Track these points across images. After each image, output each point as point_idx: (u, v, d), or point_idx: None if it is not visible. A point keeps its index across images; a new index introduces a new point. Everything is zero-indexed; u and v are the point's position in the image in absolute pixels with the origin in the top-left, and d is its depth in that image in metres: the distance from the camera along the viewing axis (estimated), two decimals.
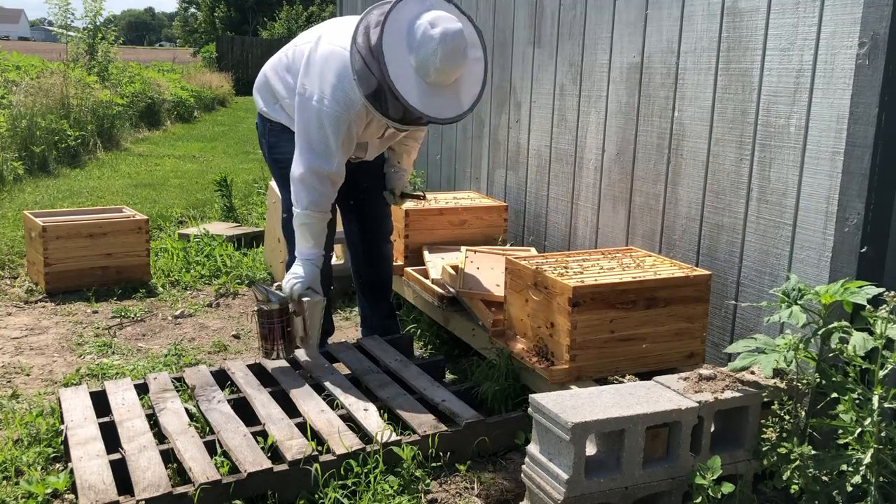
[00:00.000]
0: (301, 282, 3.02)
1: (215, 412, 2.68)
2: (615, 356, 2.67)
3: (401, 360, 3.15)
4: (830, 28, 2.44)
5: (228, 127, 14.71)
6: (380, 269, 3.54)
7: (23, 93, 9.21)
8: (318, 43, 2.97)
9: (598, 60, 3.51)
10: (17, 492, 2.41)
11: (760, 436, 2.28)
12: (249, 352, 3.78)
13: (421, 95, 2.72)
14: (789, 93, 2.60)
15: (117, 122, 10.98)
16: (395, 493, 2.38)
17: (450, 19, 2.74)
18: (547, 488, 2.12)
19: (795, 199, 2.60)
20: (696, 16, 2.97)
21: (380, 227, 3.51)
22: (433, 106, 2.75)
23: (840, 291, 2.12)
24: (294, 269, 3.06)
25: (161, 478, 2.26)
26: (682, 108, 3.06)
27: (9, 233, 5.60)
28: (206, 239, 5.36)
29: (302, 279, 3.02)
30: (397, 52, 2.70)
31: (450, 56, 2.70)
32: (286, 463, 2.36)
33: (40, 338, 3.86)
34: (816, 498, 2.08)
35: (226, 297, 4.59)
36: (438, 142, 5.11)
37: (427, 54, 2.69)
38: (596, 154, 3.58)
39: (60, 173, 8.44)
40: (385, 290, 3.59)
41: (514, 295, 2.93)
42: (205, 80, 19.66)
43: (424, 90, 2.73)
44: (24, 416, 2.90)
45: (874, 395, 1.97)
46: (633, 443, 2.12)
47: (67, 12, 13.58)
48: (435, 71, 2.71)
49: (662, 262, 2.91)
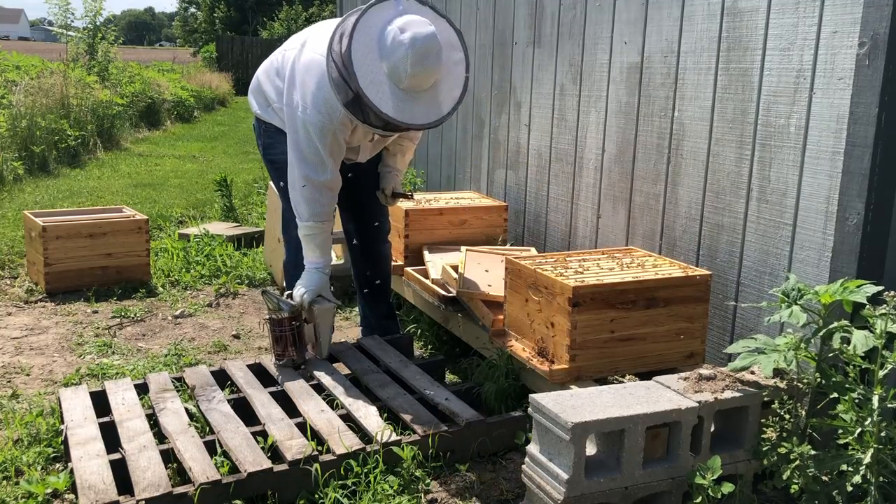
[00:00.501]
0: (310, 291, 3.05)
1: (215, 412, 2.68)
2: (615, 356, 2.67)
3: (401, 360, 3.15)
4: (830, 28, 2.44)
5: (228, 127, 14.71)
6: (377, 269, 3.54)
7: (23, 93, 9.21)
8: (301, 50, 2.97)
9: (598, 60, 3.51)
10: (17, 492, 2.41)
11: (760, 436, 2.28)
12: (249, 352, 3.78)
13: (396, 102, 2.67)
14: (789, 93, 2.60)
15: (117, 122, 10.97)
16: (395, 493, 2.38)
17: (421, 23, 2.68)
18: (547, 488, 2.12)
19: (795, 198, 2.60)
20: (696, 16, 2.97)
21: (377, 226, 3.51)
22: (408, 112, 2.70)
23: (840, 291, 2.12)
24: (303, 279, 3.09)
25: (161, 478, 2.26)
26: (682, 107, 3.06)
27: (9, 233, 5.60)
28: (206, 239, 5.36)
29: (311, 288, 3.05)
30: (368, 59, 2.65)
31: (421, 60, 2.64)
32: (286, 463, 2.36)
33: (40, 338, 3.86)
34: (816, 498, 2.08)
35: (226, 297, 4.59)
36: (438, 142, 5.11)
37: (397, 60, 2.64)
38: (596, 154, 3.58)
39: (60, 173, 8.44)
40: (384, 291, 3.59)
41: (514, 295, 2.93)
42: (205, 80, 19.66)
43: (399, 97, 2.68)
44: (24, 416, 2.90)
45: (874, 395, 1.97)
46: (633, 443, 2.12)
47: (67, 12, 13.60)
48: (407, 77, 2.66)
49: (662, 262, 2.91)
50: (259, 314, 4.32)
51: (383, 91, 2.66)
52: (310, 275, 3.08)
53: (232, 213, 6.46)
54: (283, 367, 3.04)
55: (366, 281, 3.55)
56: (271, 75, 3.17)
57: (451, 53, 2.79)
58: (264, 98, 3.22)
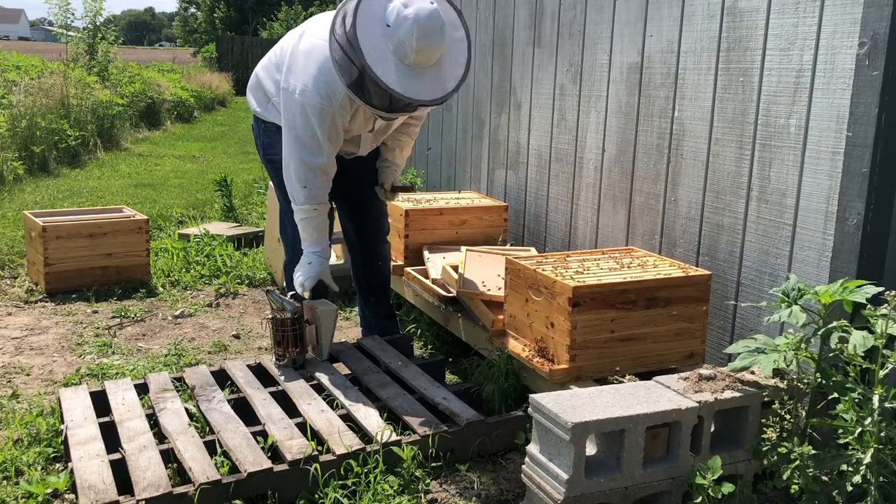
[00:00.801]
0: (310, 277, 3.05)
1: (215, 412, 2.68)
2: (615, 356, 2.67)
3: (401, 360, 3.15)
4: (830, 28, 2.44)
5: (228, 127, 14.71)
6: (376, 269, 3.54)
7: (23, 93, 9.21)
8: (300, 39, 2.98)
9: (598, 60, 3.51)
10: (17, 492, 2.41)
11: (760, 436, 2.28)
12: (249, 352, 3.78)
13: (401, 78, 2.68)
14: (789, 93, 2.60)
15: (117, 122, 10.97)
16: (395, 493, 2.38)
17: (423, 0, 2.71)
18: (547, 488, 2.12)
19: (795, 198, 2.60)
20: (696, 16, 2.97)
21: (375, 226, 3.51)
22: (414, 88, 2.71)
23: (840, 291, 2.12)
24: (301, 266, 3.08)
25: (161, 478, 2.26)
26: (682, 107, 3.06)
27: (9, 233, 5.60)
28: (206, 239, 5.36)
29: (311, 275, 3.05)
30: (373, 36, 2.67)
31: (426, 35, 2.66)
32: (286, 463, 2.36)
33: (40, 338, 3.87)
34: (816, 498, 2.08)
35: (226, 297, 4.59)
36: (438, 142, 5.11)
37: (403, 35, 2.66)
38: (596, 154, 3.58)
39: (60, 173, 8.44)
40: (383, 291, 3.58)
41: (514, 295, 2.93)
42: (205, 80, 19.66)
43: (405, 72, 2.69)
44: (24, 416, 2.90)
45: (874, 395, 1.97)
46: (633, 443, 2.12)
47: (67, 12, 13.60)
48: (413, 52, 2.67)
49: (662, 262, 2.91)
50: (259, 314, 4.32)
51: (389, 67, 2.67)
52: (308, 260, 3.07)
53: (232, 213, 6.46)
54: (284, 367, 3.04)
55: (365, 281, 3.55)
56: (270, 70, 3.17)
57: (452, 32, 2.81)
58: (263, 94, 3.22)
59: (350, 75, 2.73)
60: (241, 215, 6.66)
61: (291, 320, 3.02)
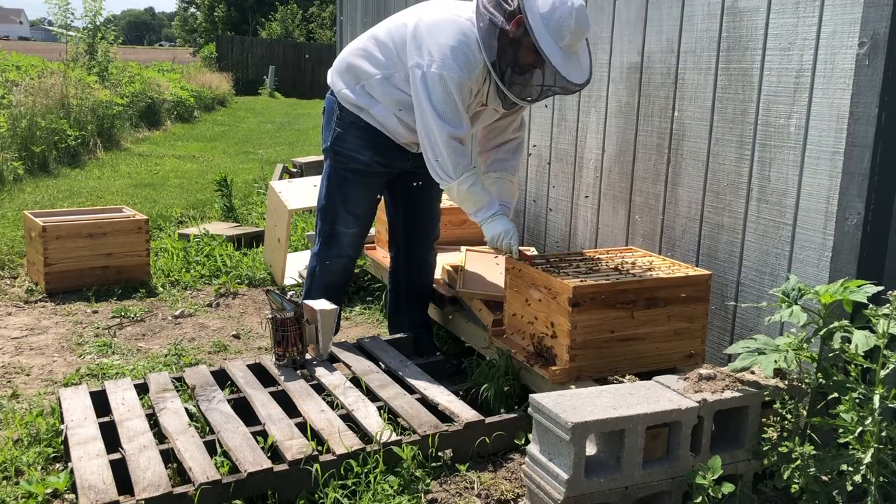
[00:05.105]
0: (513, 235, 2.98)
1: (215, 412, 2.68)
2: (615, 356, 2.67)
3: (401, 360, 3.15)
4: (830, 28, 2.44)
5: (228, 127, 14.71)
6: (419, 278, 3.48)
7: (23, 93, 9.21)
8: (420, 20, 2.95)
9: (598, 60, 3.51)
10: (17, 492, 2.41)
11: (761, 435, 2.28)
12: (249, 352, 3.78)
13: (561, 58, 2.77)
14: (789, 93, 2.60)
15: (117, 122, 10.97)
16: (395, 493, 2.38)
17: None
18: (547, 488, 2.12)
19: (795, 198, 2.60)
20: (696, 16, 2.97)
21: (425, 232, 3.44)
22: (567, 68, 2.79)
23: (840, 291, 2.12)
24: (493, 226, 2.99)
25: (161, 478, 2.26)
26: (682, 108, 3.06)
27: (9, 233, 5.60)
28: (206, 239, 5.36)
29: (510, 229, 2.98)
30: (535, 15, 2.74)
31: (582, 19, 2.76)
32: (286, 463, 2.36)
33: (40, 338, 3.86)
34: (816, 498, 2.08)
35: (226, 297, 4.59)
36: None
37: (563, 17, 2.73)
38: (596, 154, 3.58)
39: (60, 173, 8.43)
40: (423, 300, 3.51)
41: (514, 295, 2.93)
42: (205, 80, 19.64)
43: (559, 53, 2.77)
44: (24, 416, 2.90)
45: (875, 395, 1.97)
46: (633, 443, 2.12)
47: (67, 12, 13.60)
48: (570, 33, 2.74)
49: (662, 262, 2.91)
50: (259, 314, 4.32)
51: (552, 47, 2.74)
52: (498, 221, 3.00)
53: (232, 213, 6.46)
54: (284, 367, 3.04)
55: (405, 287, 3.49)
56: (370, 49, 3.08)
57: None
58: (354, 76, 3.12)
59: (495, 53, 2.80)
60: (241, 215, 6.65)
61: (291, 320, 3.02)
